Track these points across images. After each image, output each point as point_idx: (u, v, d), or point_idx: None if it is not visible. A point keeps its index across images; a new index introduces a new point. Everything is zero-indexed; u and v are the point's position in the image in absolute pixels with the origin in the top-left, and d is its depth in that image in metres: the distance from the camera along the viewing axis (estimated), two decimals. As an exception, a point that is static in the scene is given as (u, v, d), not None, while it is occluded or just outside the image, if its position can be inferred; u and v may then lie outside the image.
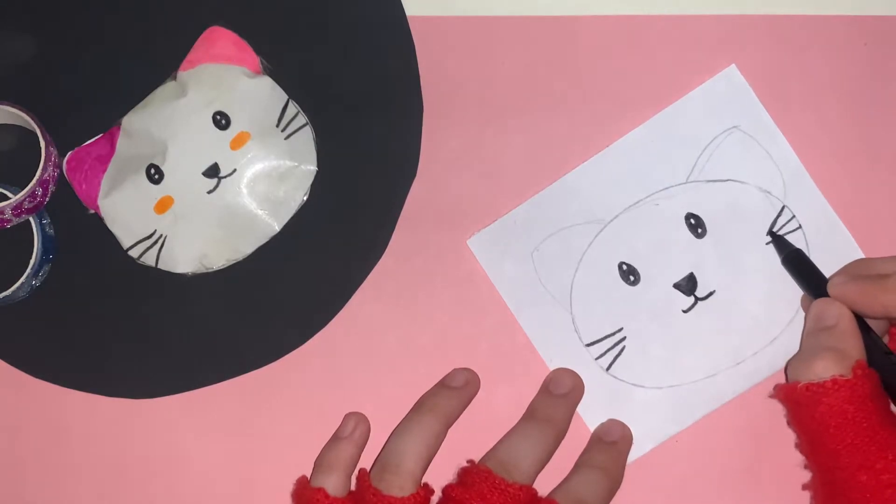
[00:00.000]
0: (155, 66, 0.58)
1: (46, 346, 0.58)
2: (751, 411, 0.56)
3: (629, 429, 0.56)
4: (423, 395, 0.55)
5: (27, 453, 0.58)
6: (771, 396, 0.54)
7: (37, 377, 0.58)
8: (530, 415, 0.55)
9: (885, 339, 0.53)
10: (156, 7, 0.58)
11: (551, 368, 0.56)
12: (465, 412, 0.56)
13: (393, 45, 0.57)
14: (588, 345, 0.56)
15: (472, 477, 0.51)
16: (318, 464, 0.54)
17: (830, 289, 0.52)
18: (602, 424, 0.56)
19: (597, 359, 0.56)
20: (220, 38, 0.57)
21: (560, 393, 0.55)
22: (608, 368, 0.56)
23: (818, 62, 0.56)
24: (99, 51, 0.58)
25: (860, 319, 0.51)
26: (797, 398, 0.50)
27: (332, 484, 0.53)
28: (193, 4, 0.58)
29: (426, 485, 0.52)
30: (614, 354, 0.56)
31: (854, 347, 0.50)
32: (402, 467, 0.52)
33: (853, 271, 0.53)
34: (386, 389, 0.57)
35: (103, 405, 0.58)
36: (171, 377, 0.57)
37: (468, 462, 0.53)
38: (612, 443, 0.55)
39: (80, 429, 0.58)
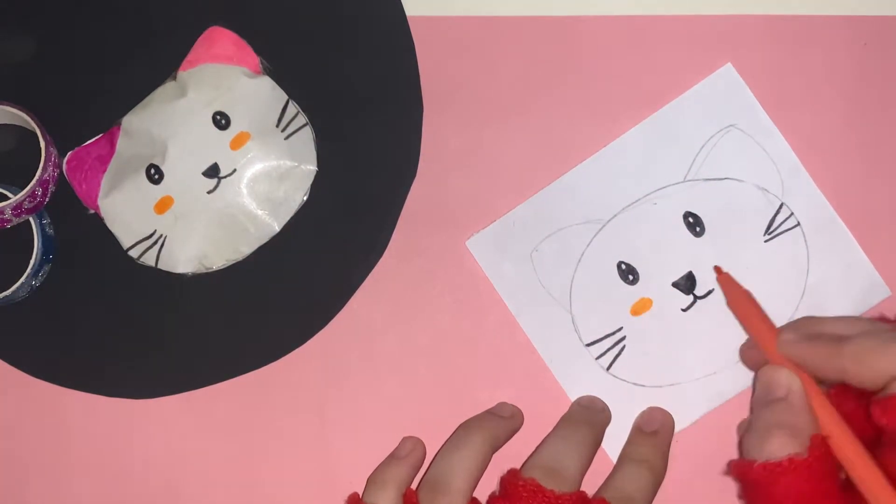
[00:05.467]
0: (155, 66, 0.58)
1: (46, 346, 0.58)
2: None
3: (670, 415, 0.55)
4: (469, 419, 0.55)
5: (27, 453, 0.58)
6: (724, 473, 0.51)
7: (37, 377, 0.58)
8: (565, 419, 0.55)
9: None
10: (156, 7, 0.58)
11: (551, 368, 0.56)
12: (463, 412, 0.55)
13: (393, 45, 0.57)
14: (588, 344, 0.56)
15: (519, 490, 0.49)
16: (372, 480, 0.53)
17: (781, 347, 0.50)
18: (642, 413, 0.55)
19: (597, 358, 0.56)
20: (220, 38, 0.57)
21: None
22: (608, 368, 0.56)
23: (816, 61, 0.57)
24: (99, 51, 0.58)
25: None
26: (753, 477, 0.47)
27: (385, 500, 0.52)
28: (193, 4, 0.58)
29: (475, 499, 0.51)
30: (614, 354, 0.56)
31: (807, 422, 0.48)
32: (453, 486, 0.50)
33: (805, 330, 0.51)
34: (386, 389, 0.57)
35: (103, 405, 0.58)
36: (171, 377, 0.57)
37: (510, 472, 0.51)
38: (652, 433, 0.54)
39: (80, 429, 0.58)
